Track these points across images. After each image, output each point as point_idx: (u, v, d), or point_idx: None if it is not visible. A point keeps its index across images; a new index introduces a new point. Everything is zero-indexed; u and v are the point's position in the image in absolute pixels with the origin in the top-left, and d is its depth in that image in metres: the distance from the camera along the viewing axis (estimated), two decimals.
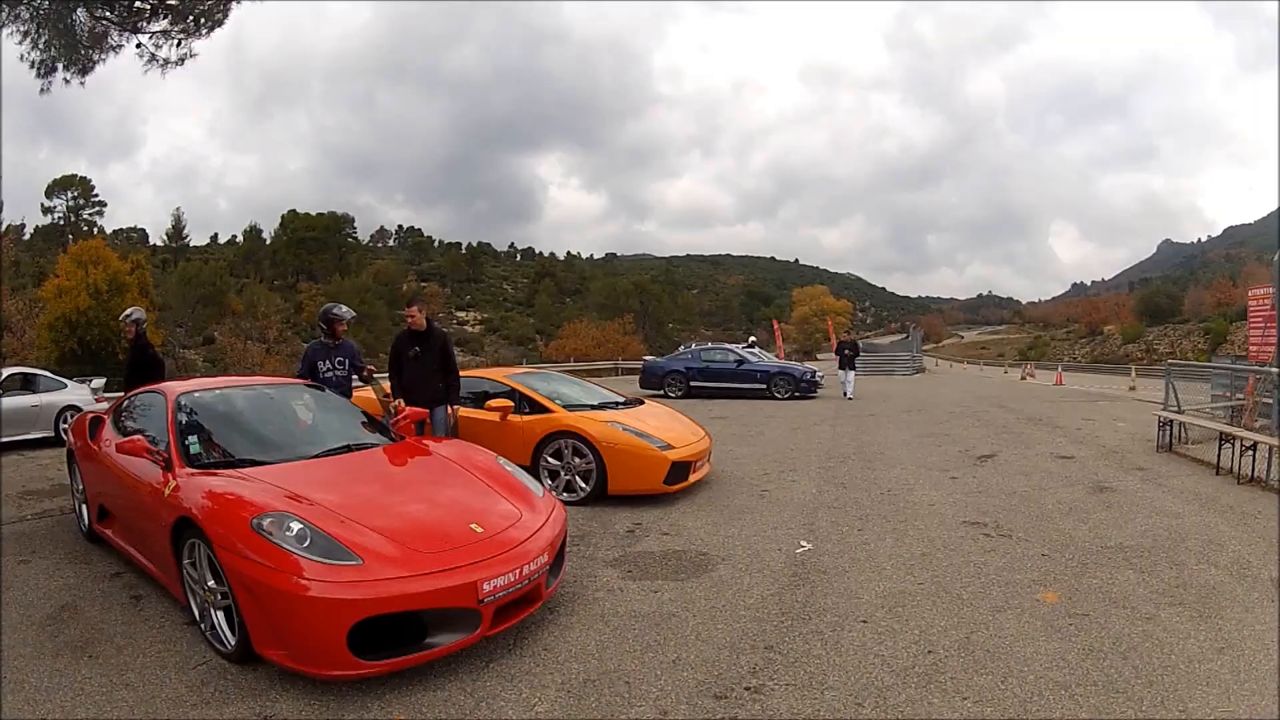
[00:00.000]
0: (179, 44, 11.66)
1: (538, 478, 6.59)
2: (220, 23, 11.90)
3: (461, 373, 7.24)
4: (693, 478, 7.22)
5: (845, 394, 19.76)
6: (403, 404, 6.38)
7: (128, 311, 7.98)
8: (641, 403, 8.35)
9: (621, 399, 8.35)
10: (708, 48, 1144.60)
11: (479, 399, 7.66)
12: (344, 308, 6.85)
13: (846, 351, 20.60)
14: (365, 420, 5.55)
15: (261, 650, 3.35)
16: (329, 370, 6.60)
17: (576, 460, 6.96)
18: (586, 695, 3.33)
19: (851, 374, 20.20)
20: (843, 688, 3.39)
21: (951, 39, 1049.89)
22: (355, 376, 6.84)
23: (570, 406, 7.49)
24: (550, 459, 7.07)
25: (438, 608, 3.42)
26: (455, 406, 6.97)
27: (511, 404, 7.34)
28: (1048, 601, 4.39)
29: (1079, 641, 3.82)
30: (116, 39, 11.44)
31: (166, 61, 11.66)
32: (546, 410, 7.30)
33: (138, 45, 11.47)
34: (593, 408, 7.64)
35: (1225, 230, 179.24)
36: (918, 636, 3.93)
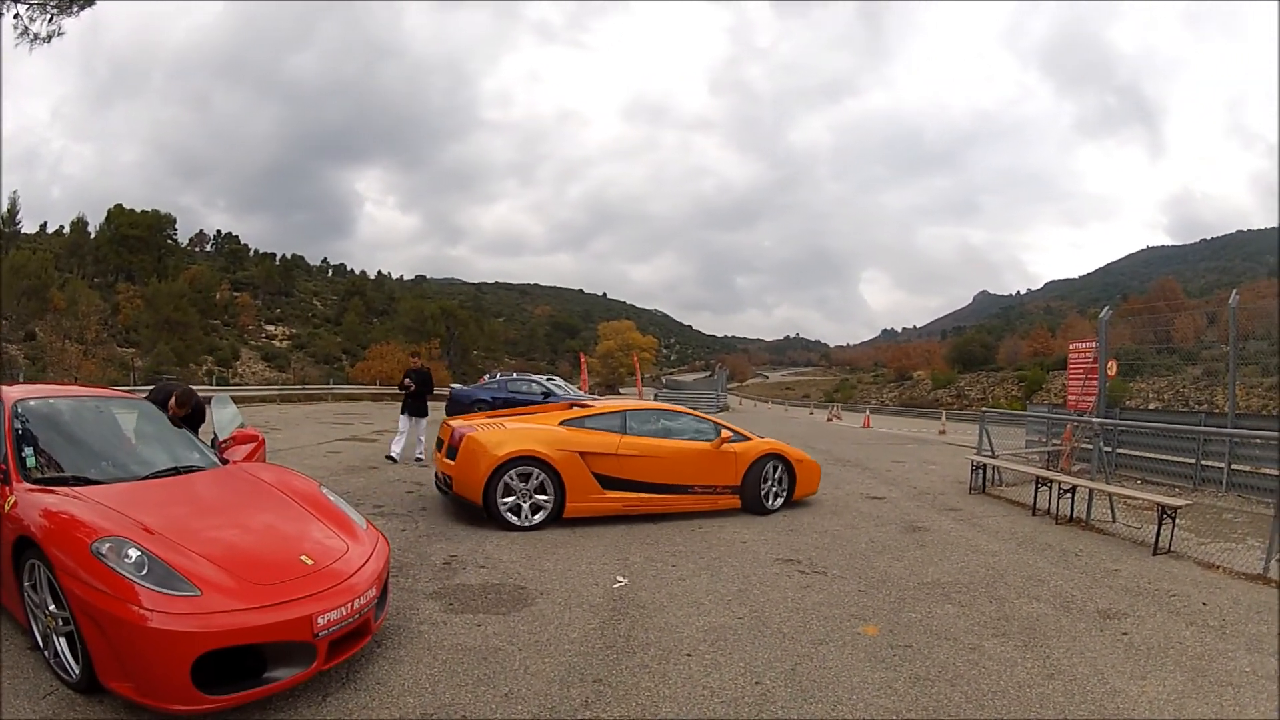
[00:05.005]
0: (51, 19, 12.61)
1: (757, 495, 9.02)
2: (92, 1, 13.00)
3: (625, 405, 9.22)
4: None
5: (391, 454, 12.38)
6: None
7: None
8: None
9: None
10: (538, 77, 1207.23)
11: (674, 427, 9.18)
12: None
13: (408, 382, 12.46)
14: (189, 441, 5.71)
15: (107, 682, 3.43)
16: None
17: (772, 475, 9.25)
18: None
19: (419, 423, 12.52)
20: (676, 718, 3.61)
21: (779, 87, 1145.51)
22: None
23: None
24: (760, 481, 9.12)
25: (275, 641, 3.58)
26: None
27: (731, 433, 9.23)
28: (869, 635, 4.86)
29: (905, 671, 4.26)
30: None
31: (36, 36, 12.46)
32: (747, 439, 9.32)
33: (15, 16, 12.31)
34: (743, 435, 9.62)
35: (1047, 284, 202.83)
36: (743, 669, 4.24)
